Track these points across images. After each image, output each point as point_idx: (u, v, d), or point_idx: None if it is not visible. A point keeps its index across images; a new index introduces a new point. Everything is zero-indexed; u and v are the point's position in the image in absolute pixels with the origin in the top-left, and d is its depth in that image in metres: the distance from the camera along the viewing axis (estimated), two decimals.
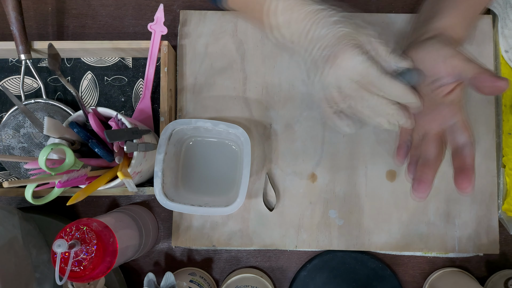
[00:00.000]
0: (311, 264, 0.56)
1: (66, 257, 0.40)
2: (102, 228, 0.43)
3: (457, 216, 0.56)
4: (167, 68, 0.54)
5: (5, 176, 0.58)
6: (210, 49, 0.58)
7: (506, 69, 0.57)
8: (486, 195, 0.56)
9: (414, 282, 0.57)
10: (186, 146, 0.56)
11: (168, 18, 0.60)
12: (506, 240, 0.57)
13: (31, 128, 0.53)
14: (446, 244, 0.55)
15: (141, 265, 0.58)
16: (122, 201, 0.59)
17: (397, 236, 0.56)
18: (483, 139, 0.56)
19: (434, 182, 0.55)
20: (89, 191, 0.44)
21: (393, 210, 0.56)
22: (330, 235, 0.56)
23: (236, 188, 0.53)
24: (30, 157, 0.46)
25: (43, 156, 0.40)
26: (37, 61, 0.59)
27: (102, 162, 0.48)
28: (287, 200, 0.56)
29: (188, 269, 0.57)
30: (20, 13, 0.53)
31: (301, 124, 0.57)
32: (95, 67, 0.59)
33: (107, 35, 0.60)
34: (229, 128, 0.51)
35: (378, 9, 0.60)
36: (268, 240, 0.56)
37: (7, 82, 0.59)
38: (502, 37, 0.57)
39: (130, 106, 0.58)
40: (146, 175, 0.54)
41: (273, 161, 0.57)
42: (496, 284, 0.54)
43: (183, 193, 0.55)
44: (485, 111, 0.57)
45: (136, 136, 0.46)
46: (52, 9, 0.61)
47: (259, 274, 0.56)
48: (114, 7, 0.61)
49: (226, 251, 0.58)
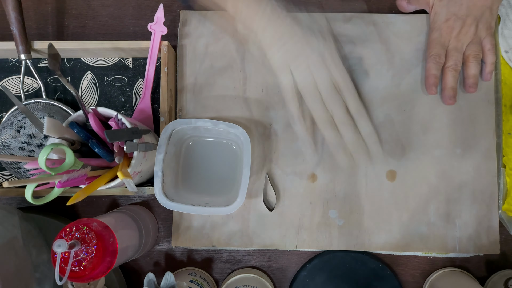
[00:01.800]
0: (311, 264, 0.56)
1: (66, 257, 0.40)
2: (102, 228, 0.43)
3: (458, 216, 0.56)
4: (167, 68, 0.54)
5: (5, 176, 0.58)
6: (210, 49, 0.58)
7: (506, 69, 0.57)
8: (487, 195, 0.56)
9: (414, 282, 0.57)
10: (186, 146, 0.56)
11: (168, 18, 0.60)
12: (506, 240, 0.57)
13: (31, 128, 0.53)
14: (446, 244, 0.55)
15: (141, 265, 0.58)
16: (122, 201, 0.59)
17: (397, 236, 0.56)
18: (483, 139, 0.56)
19: (435, 182, 0.56)
20: (89, 191, 0.44)
21: (393, 210, 0.56)
22: (330, 235, 0.56)
23: (236, 188, 0.53)
24: (30, 157, 0.46)
25: (43, 156, 0.40)
26: (37, 61, 0.59)
27: (102, 162, 0.48)
28: (287, 200, 0.56)
29: (188, 269, 0.57)
30: (20, 13, 0.53)
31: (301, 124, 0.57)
32: (95, 67, 0.59)
33: (107, 35, 0.60)
34: (229, 128, 0.51)
35: (378, 9, 0.60)
36: (268, 240, 0.56)
37: (7, 82, 0.59)
38: (502, 37, 0.57)
39: (130, 106, 0.58)
40: (146, 175, 0.54)
41: (273, 161, 0.57)
42: (496, 284, 0.54)
43: (183, 193, 0.55)
44: (485, 111, 0.57)
45: (136, 136, 0.46)
46: (52, 9, 0.61)
47: (259, 274, 0.56)
48: (114, 7, 0.61)
49: (226, 251, 0.58)
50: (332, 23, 0.58)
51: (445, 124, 0.57)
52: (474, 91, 0.55)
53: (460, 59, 0.54)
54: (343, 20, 0.58)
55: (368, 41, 0.58)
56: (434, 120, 0.57)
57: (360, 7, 0.58)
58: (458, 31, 0.53)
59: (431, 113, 0.57)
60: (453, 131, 0.56)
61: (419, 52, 0.58)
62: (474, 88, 0.55)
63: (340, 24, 0.58)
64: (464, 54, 0.54)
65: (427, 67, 0.55)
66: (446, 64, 0.54)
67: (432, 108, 0.57)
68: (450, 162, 0.56)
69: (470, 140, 0.56)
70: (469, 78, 0.54)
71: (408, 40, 0.58)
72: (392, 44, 0.58)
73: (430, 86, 0.55)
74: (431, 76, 0.55)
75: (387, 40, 0.58)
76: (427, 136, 0.56)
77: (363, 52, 0.58)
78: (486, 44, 0.54)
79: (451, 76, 0.54)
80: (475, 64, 0.54)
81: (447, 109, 0.57)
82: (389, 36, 0.58)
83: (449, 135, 0.56)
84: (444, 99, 0.55)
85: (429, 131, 0.57)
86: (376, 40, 0.58)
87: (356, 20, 0.58)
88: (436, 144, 0.56)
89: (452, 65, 0.54)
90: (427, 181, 0.56)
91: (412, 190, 0.56)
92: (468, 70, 0.54)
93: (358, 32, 0.58)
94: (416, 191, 0.56)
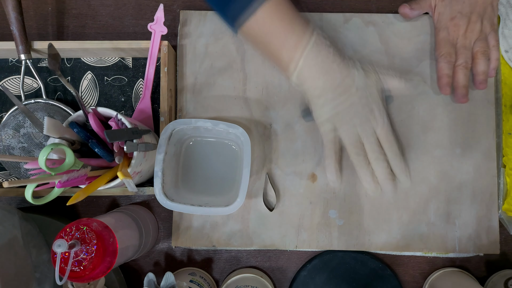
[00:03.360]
0: (311, 264, 0.56)
1: (66, 257, 0.40)
2: (102, 228, 0.43)
3: (457, 216, 0.56)
4: (167, 68, 0.54)
5: (5, 176, 0.58)
6: (210, 49, 0.58)
7: (506, 69, 0.57)
8: (486, 195, 0.56)
9: (414, 282, 0.57)
10: (186, 146, 0.56)
11: (168, 18, 0.60)
12: (506, 240, 0.57)
13: (31, 128, 0.53)
14: (446, 244, 0.55)
15: (141, 265, 0.58)
16: (122, 201, 0.59)
17: (397, 236, 0.56)
18: (483, 139, 0.56)
19: (435, 182, 0.56)
20: (89, 191, 0.44)
21: (393, 210, 0.56)
22: (330, 235, 0.56)
23: (236, 188, 0.53)
24: (30, 157, 0.46)
25: (43, 156, 0.40)
26: (37, 61, 0.59)
27: (102, 162, 0.48)
28: (287, 200, 0.56)
29: (188, 269, 0.57)
30: (20, 13, 0.53)
31: (301, 124, 0.57)
32: (95, 67, 0.59)
33: (107, 35, 0.60)
34: (229, 128, 0.51)
35: (378, 9, 0.60)
36: (268, 240, 0.56)
37: (7, 82, 0.59)
38: (502, 37, 0.57)
39: (130, 106, 0.58)
40: (146, 175, 0.54)
41: (273, 161, 0.57)
42: (496, 284, 0.54)
43: (183, 193, 0.55)
44: (485, 111, 0.57)
45: (136, 136, 0.46)
46: (52, 9, 0.61)
47: (259, 274, 0.56)
48: (114, 7, 0.61)
49: (226, 251, 0.58)
50: (332, 23, 0.58)
51: (445, 124, 0.57)
52: (484, 87, 0.54)
53: (469, 56, 0.54)
54: (343, 20, 0.58)
55: (368, 41, 0.58)
56: (434, 120, 0.57)
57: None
58: (465, 28, 0.53)
59: (431, 113, 0.57)
60: (453, 131, 0.56)
61: (419, 52, 0.58)
62: (485, 85, 0.54)
63: (340, 24, 0.58)
64: (472, 51, 0.54)
65: (439, 67, 0.55)
66: (457, 63, 0.54)
67: (432, 108, 0.57)
68: (450, 162, 0.56)
69: (470, 140, 0.56)
70: (479, 74, 0.54)
71: (408, 40, 0.58)
72: (392, 44, 0.58)
73: (444, 86, 0.54)
74: (444, 76, 0.54)
75: (387, 40, 0.58)
76: (427, 136, 0.56)
77: (363, 52, 0.58)
78: (491, 40, 0.54)
79: (463, 74, 0.54)
80: (484, 60, 0.54)
81: (447, 109, 0.57)
82: (389, 36, 0.58)
83: (449, 135, 0.56)
84: (457, 97, 0.54)
85: (429, 131, 0.57)
86: (376, 40, 0.58)
87: (356, 20, 0.58)
88: (436, 144, 0.56)
89: (462, 63, 0.54)
90: (427, 181, 0.56)
91: (412, 190, 0.56)
92: (478, 67, 0.54)
93: (358, 32, 0.58)
94: (416, 191, 0.56)
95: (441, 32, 0.55)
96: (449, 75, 0.54)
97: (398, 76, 0.51)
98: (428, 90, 0.57)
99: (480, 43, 0.54)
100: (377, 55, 0.58)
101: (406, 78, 0.51)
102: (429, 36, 0.58)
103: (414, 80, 0.55)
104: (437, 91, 0.56)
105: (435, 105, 0.57)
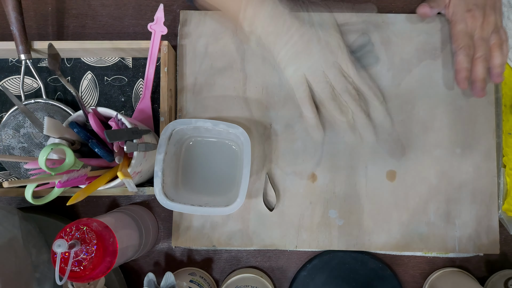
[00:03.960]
0: (311, 264, 0.56)
1: (66, 257, 0.40)
2: (102, 228, 0.43)
3: (457, 216, 0.56)
4: (167, 68, 0.54)
5: (5, 176, 0.58)
6: (210, 49, 0.58)
7: (506, 69, 0.57)
8: (486, 195, 0.56)
9: (414, 282, 0.57)
10: (186, 146, 0.56)
11: (168, 18, 0.60)
12: (506, 240, 0.57)
13: (31, 128, 0.53)
14: (446, 244, 0.55)
15: (141, 265, 0.58)
16: (122, 201, 0.59)
17: (397, 236, 0.56)
18: (483, 139, 0.56)
19: (435, 182, 0.56)
20: (89, 191, 0.44)
21: (393, 210, 0.56)
22: (330, 235, 0.56)
23: (236, 188, 0.53)
24: (30, 157, 0.46)
25: (43, 156, 0.40)
26: (37, 61, 0.59)
27: (102, 162, 0.48)
28: (287, 200, 0.56)
29: (188, 269, 0.57)
30: (20, 13, 0.53)
31: (301, 124, 0.57)
32: (95, 67, 0.59)
33: (107, 35, 0.60)
34: (229, 128, 0.51)
35: (378, 9, 0.60)
36: (268, 240, 0.56)
37: (7, 82, 0.59)
38: None
39: (130, 106, 0.58)
40: (146, 175, 0.54)
41: (273, 161, 0.57)
42: (496, 284, 0.54)
43: (183, 193, 0.55)
44: (485, 111, 0.57)
45: (136, 136, 0.46)
46: (52, 9, 0.61)
47: (259, 274, 0.56)
48: (114, 7, 0.61)
49: (226, 251, 0.58)
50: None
51: (445, 124, 0.57)
52: (501, 80, 0.53)
53: (488, 49, 0.53)
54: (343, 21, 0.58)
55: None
56: (434, 120, 0.57)
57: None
58: (482, 20, 0.53)
59: (431, 113, 0.57)
60: (453, 131, 0.56)
61: (419, 52, 0.58)
62: (501, 77, 0.53)
63: (340, 25, 0.58)
64: (489, 44, 0.53)
65: (458, 60, 0.53)
66: (476, 55, 0.53)
67: (432, 108, 0.57)
68: (450, 162, 0.56)
69: (470, 140, 0.56)
70: (496, 67, 0.53)
71: (408, 40, 0.58)
72: (392, 44, 0.58)
73: (462, 80, 0.53)
74: (463, 70, 0.53)
75: (387, 40, 0.58)
76: (427, 136, 0.56)
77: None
78: (502, 34, 0.54)
79: (482, 67, 0.53)
80: (501, 53, 0.53)
81: (447, 109, 0.57)
82: (389, 36, 0.58)
83: (449, 135, 0.56)
84: (476, 91, 0.53)
85: (429, 131, 0.57)
86: (376, 40, 0.58)
87: (356, 20, 0.58)
88: (436, 144, 0.56)
89: (482, 56, 0.52)
90: (427, 181, 0.56)
91: (412, 190, 0.56)
92: (495, 60, 0.53)
93: (358, 32, 0.58)
94: (416, 191, 0.56)
95: (458, 25, 0.54)
96: (468, 69, 0.53)
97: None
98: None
99: (496, 35, 0.53)
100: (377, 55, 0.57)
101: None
102: (429, 36, 0.58)
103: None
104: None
105: (435, 105, 0.57)
